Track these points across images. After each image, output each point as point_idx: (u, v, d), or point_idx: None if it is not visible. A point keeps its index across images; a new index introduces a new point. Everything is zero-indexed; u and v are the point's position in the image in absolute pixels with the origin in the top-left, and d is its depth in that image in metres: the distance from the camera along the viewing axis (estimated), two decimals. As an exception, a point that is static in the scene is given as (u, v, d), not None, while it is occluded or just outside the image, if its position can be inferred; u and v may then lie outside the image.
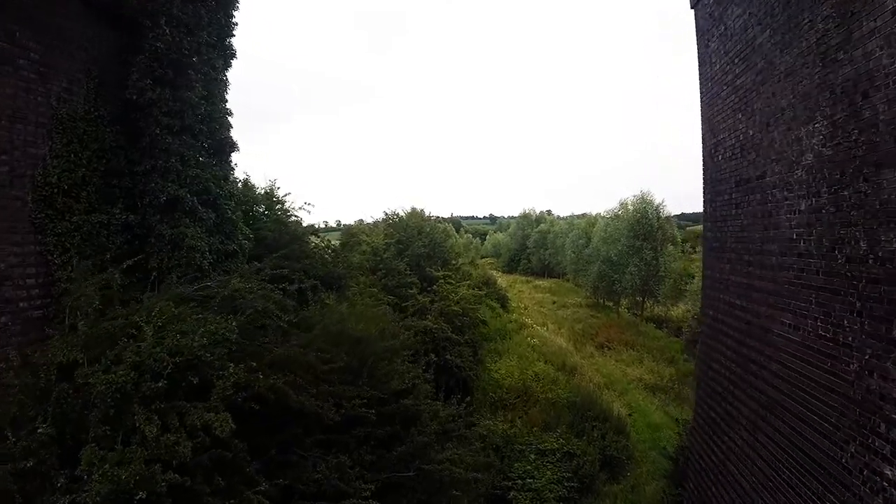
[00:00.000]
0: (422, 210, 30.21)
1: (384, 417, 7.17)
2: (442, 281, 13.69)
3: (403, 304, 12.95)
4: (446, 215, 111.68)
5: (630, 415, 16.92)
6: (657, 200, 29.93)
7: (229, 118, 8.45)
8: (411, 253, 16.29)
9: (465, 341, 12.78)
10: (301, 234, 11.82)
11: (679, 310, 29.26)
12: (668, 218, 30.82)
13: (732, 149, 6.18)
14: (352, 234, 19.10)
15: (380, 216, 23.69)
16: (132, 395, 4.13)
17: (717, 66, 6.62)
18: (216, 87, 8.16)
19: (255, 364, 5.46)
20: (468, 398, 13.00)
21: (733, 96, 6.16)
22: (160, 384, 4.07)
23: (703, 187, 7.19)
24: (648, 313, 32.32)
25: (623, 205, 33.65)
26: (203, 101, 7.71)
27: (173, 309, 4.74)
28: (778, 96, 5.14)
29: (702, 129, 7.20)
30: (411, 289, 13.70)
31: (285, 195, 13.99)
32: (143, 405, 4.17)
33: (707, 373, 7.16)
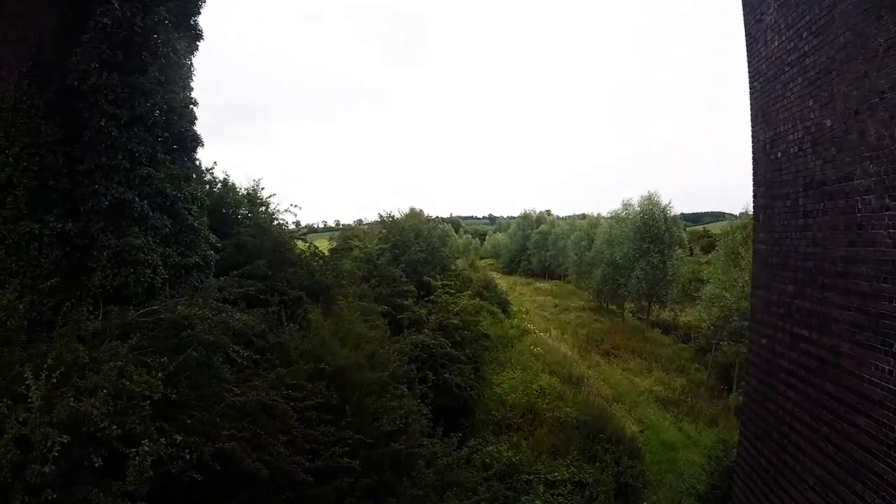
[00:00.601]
0: (420, 210, 29.04)
1: (371, 463, 6.02)
2: (441, 291, 12.53)
3: (399, 317, 11.79)
4: (445, 215, 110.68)
5: (642, 432, 15.81)
6: (664, 201, 28.78)
7: (194, 108, 7.27)
8: (408, 258, 15.15)
9: (465, 357, 11.63)
10: (283, 241, 10.65)
11: (688, 316, 28.15)
12: (674, 219, 29.69)
13: (799, 143, 5.03)
14: (346, 238, 17.93)
15: (376, 217, 22.55)
16: (13, 483, 2.98)
17: (776, 44, 5.47)
18: (177, 73, 6.98)
19: (200, 416, 4.33)
20: (469, 420, 11.90)
21: (800, 78, 5.01)
22: (46, 469, 2.91)
23: (754, 190, 6.05)
24: (654, 318, 31.22)
25: (626, 205, 32.54)
26: (159, 88, 6.53)
27: (84, 355, 3.57)
28: (874, 76, 3.99)
29: (752, 119, 6.06)
30: (407, 299, 12.54)
31: (269, 196, 12.83)
32: (29, 495, 3.02)
33: (757, 411, 6.02)
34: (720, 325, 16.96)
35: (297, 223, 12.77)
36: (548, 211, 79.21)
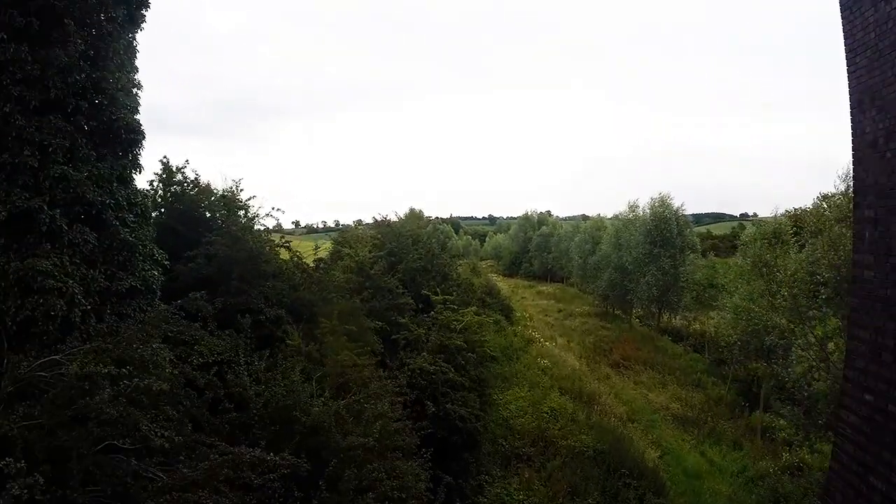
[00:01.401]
0: (420, 211, 27.55)
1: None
2: (441, 306, 11.14)
3: (394, 337, 10.41)
4: (445, 216, 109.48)
5: (661, 456, 14.43)
6: (676, 203, 27.34)
7: (138, 93, 5.87)
8: (405, 267, 13.76)
9: (470, 383, 10.24)
10: (261, 250, 9.27)
11: (702, 324, 26.70)
12: (686, 222, 28.32)
13: (942, 136, 3.66)
14: (337, 244, 16.53)
15: (371, 221, 21.12)
16: None
17: (894, 4, 4.09)
18: (111, 47, 5.55)
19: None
20: (474, 454, 10.53)
21: (942, 46, 3.63)
22: None
23: (856, 199, 4.67)
24: (664, 325, 29.84)
25: (633, 207, 31.15)
26: (85, 65, 5.13)
27: None
28: None
29: (852, 106, 4.67)
30: (404, 315, 11.15)
31: (249, 199, 11.43)
32: None
33: (854, 485, 4.63)
34: (747, 340, 15.58)
35: (297, 223, 11.48)
36: (548, 212, 77.87)
